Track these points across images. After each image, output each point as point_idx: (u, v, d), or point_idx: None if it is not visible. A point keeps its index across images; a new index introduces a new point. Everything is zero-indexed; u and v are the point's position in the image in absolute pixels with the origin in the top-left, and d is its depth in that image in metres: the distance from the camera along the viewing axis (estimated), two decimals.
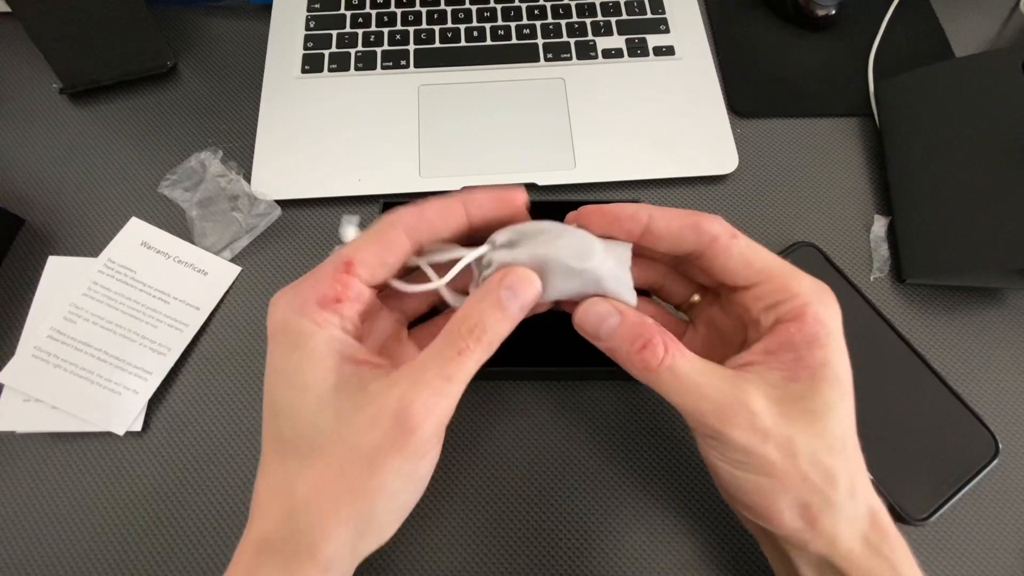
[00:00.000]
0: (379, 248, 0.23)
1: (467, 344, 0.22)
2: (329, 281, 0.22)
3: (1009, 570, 0.33)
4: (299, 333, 0.22)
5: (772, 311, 0.24)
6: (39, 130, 0.43)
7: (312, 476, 0.20)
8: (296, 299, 0.22)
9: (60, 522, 0.33)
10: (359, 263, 0.23)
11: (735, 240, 0.24)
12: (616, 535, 0.33)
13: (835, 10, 0.47)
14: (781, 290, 0.24)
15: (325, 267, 0.23)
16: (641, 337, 0.23)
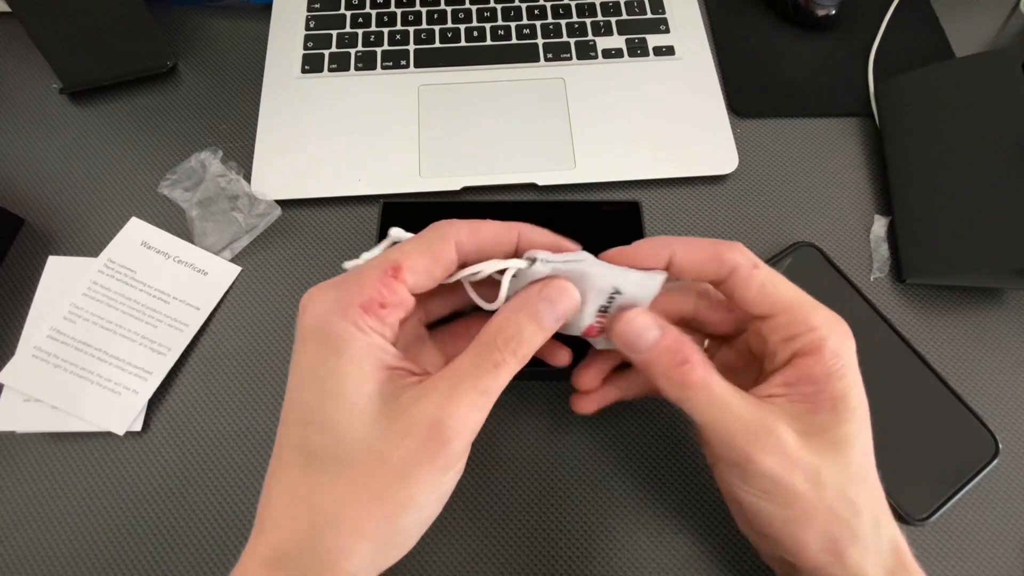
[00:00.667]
0: (430, 259, 0.22)
1: (503, 357, 0.21)
2: (376, 285, 0.21)
3: (1009, 570, 0.33)
4: (339, 337, 0.20)
5: (789, 344, 0.24)
6: (39, 130, 0.43)
7: (339, 491, 0.20)
8: (339, 300, 0.21)
9: (60, 522, 0.33)
10: (408, 269, 0.22)
11: (756, 271, 0.24)
12: (616, 535, 0.33)
13: (835, 10, 0.47)
14: (799, 323, 0.24)
15: (371, 270, 0.22)
16: (681, 352, 0.23)
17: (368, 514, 0.20)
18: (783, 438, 0.22)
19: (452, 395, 0.20)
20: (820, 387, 0.23)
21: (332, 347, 0.20)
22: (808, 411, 0.23)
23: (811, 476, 0.22)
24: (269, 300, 0.38)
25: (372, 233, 0.40)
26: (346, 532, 0.19)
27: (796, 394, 0.24)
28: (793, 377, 0.24)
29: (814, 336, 0.24)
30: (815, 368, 0.23)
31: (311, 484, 0.20)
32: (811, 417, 0.23)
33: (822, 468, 0.22)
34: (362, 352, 0.20)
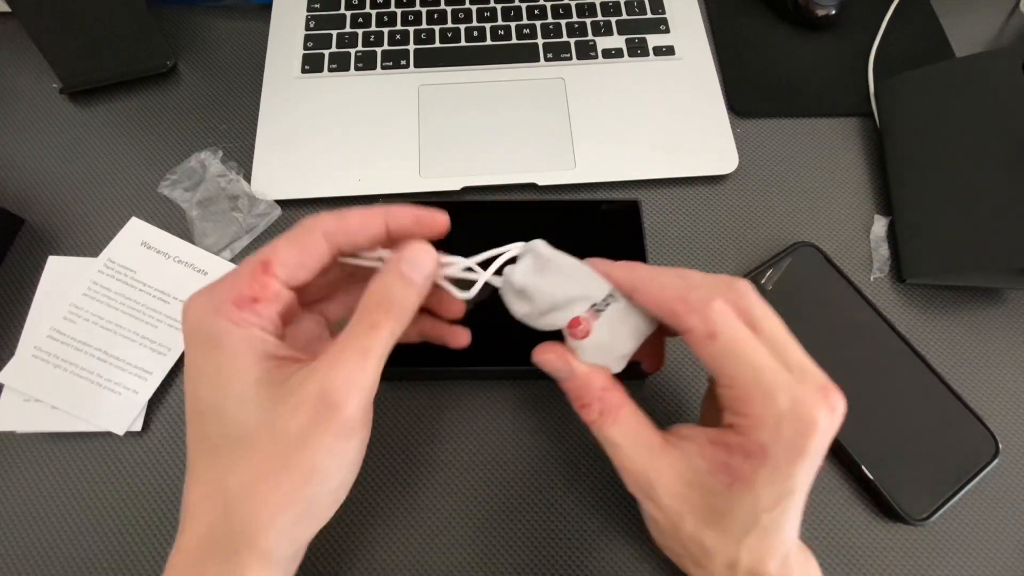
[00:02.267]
0: (298, 251, 0.23)
1: (377, 318, 0.22)
2: (247, 281, 0.22)
3: (1009, 570, 0.33)
4: (216, 333, 0.21)
5: (728, 414, 0.24)
6: (39, 130, 0.43)
7: (243, 469, 0.20)
8: (212, 300, 0.22)
9: (60, 522, 0.33)
10: (278, 264, 0.23)
11: (710, 341, 0.23)
12: (616, 535, 0.33)
13: (835, 10, 0.47)
14: (740, 404, 0.23)
15: (242, 268, 0.23)
16: (580, 399, 0.26)
17: (275, 487, 0.20)
18: (656, 489, 0.24)
19: (335, 363, 0.21)
20: (730, 462, 0.23)
21: (212, 343, 0.21)
22: (707, 471, 0.24)
23: (672, 519, 0.24)
24: None
25: None
26: (258, 506, 0.20)
27: (710, 453, 0.24)
28: (717, 439, 0.24)
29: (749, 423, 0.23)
30: (735, 445, 0.23)
31: (217, 471, 0.21)
32: (706, 477, 0.24)
33: (685, 517, 0.24)
34: (239, 344, 0.21)
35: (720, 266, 0.40)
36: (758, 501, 0.23)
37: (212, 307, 0.22)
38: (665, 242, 0.41)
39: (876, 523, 0.34)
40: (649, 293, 0.24)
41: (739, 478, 0.23)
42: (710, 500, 0.23)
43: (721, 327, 0.23)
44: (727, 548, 0.24)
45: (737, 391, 0.23)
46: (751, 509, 0.23)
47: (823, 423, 0.22)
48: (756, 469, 0.22)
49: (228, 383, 0.21)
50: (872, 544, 0.33)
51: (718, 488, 0.23)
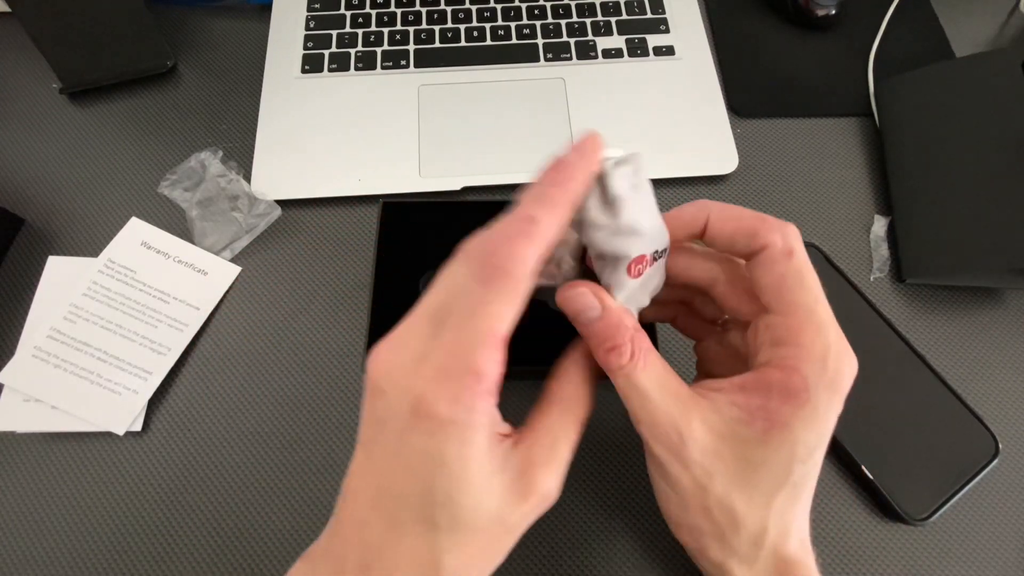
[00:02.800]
0: (516, 306, 0.20)
1: (585, 413, 0.24)
2: (491, 366, 0.19)
3: (1009, 570, 0.33)
4: (470, 429, 0.19)
5: (770, 349, 0.23)
6: (39, 130, 0.43)
7: (464, 553, 0.21)
8: (460, 392, 0.19)
9: (60, 522, 0.33)
10: (505, 329, 0.20)
11: (786, 258, 0.23)
12: (617, 535, 0.33)
13: (835, 10, 0.47)
14: (790, 333, 0.22)
15: (475, 344, 0.19)
16: (611, 339, 0.23)
17: (488, 561, 0.22)
18: (686, 439, 0.23)
19: (556, 460, 0.22)
20: (767, 405, 0.22)
21: (463, 441, 0.20)
22: (740, 420, 0.22)
23: (699, 479, 0.23)
24: (269, 300, 0.38)
25: (372, 233, 0.40)
26: None
27: (742, 400, 0.23)
28: (752, 383, 0.23)
29: (795, 353, 0.22)
30: (775, 385, 0.22)
31: (437, 548, 0.20)
32: (738, 427, 0.22)
33: (716, 474, 0.23)
34: (486, 439, 0.20)
35: None
36: (795, 448, 0.22)
37: (466, 404, 0.19)
38: None
39: (876, 523, 0.34)
40: (727, 216, 0.24)
41: (777, 422, 0.22)
42: (743, 452, 0.22)
43: (798, 247, 0.23)
44: (756, 513, 0.23)
45: (792, 318, 0.23)
46: (787, 458, 0.22)
47: (851, 372, 0.23)
48: (795, 410, 0.22)
49: (472, 477, 0.20)
50: (872, 544, 0.33)
51: (753, 437, 0.22)
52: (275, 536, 0.33)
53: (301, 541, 0.33)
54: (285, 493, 0.34)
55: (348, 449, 0.35)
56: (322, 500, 0.34)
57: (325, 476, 0.34)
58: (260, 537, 0.33)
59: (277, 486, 0.34)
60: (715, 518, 0.23)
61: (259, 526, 0.33)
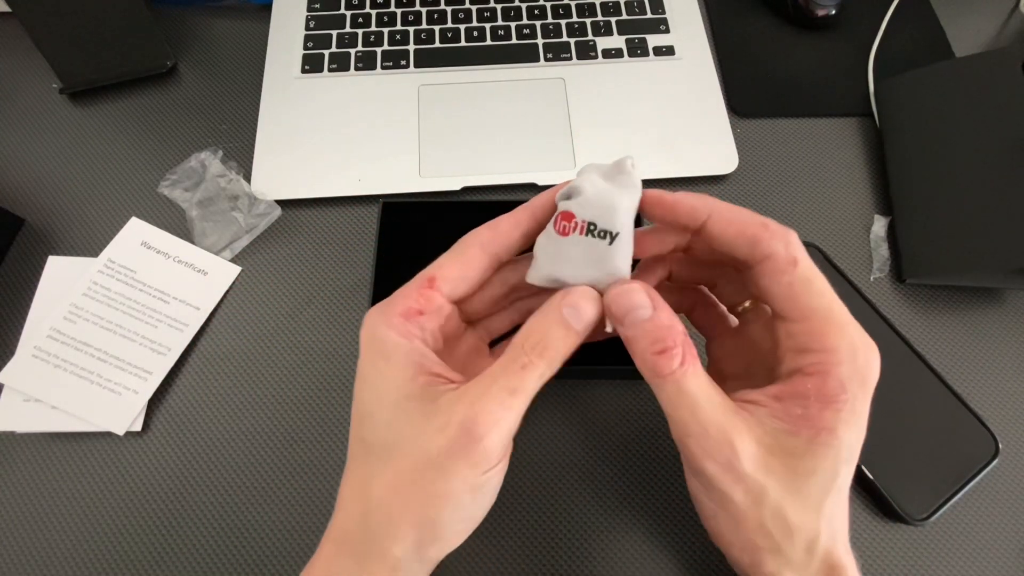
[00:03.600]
0: (459, 264, 0.25)
1: (530, 359, 0.23)
2: (414, 295, 0.24)
3: (1009, 570, 0.33)
4: (384, 342, 0.23)
5: (797, 357, 0.23)
6: (39, 130, 0.43)
7: (386, 478, 0.22)
8: (384, 311, 0.24)
9: (60, 522, 0.33)
10: (441, 279, 0.24)
11: (792, 267, 0.22)
12: (617, 535, 0.33)
13: (835, 10, 0.47)
14: (814, 338, 0.22)
15: (410, 283, 0.25)
16: (662, 341, 0.22)
17: (408, 500, 0.22)
18: (738, 450, 0.22)
19: (482, 396, 0.22)
20: (809, 412, 0.22)
21: (380, 352, 0.23)
22: (786, 431, 0.22)
23: (752, 492, 0.22)
24: (269, 300, 0.38)
25: (372, 233, 0.40)
26: (392, 517, 0.22)
27: (781, 411, 0.22)
28: (787, 393, 0.23)
29: (827, 358, 0.22)
30: (812, 392, 0.22)
31: (366, 473, 0.23)
32: (785, 438, 0.22)
33: (768, 488, 0.22)
34: (405, 357, 0.23)
35: None
36: (840, 451, 0.22)
37: (384, 317, 0.24)
38: None
39: (876, 523, 0.34)
40: (728, 219, 0.23)
41: (823, 429, 0.22)
42: (792, 463, 0.22)
43: (803, 257, 0.23)
44: (809, 521, 0.22)
45: (812, 323, 0.22)
46: (834, 463, 0.22)
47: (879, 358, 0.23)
48: (837, 414, 0.22)
49: (388, 391, 0.23)
50: (872, 544, 0.33)
51: (800, 447, 0.22)
52: (275, 536, 0.33)
53: (301, 540, 0.33)
54: (285, 493, 0.34)
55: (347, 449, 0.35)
56: (322, 500, 0.34)
57: (325, 476, 0.34)
58: (260, 537, 0.33)
59: (277, 486, 0.34)
60: (769, 531, 0.22)
61: (259, 526, 0.33)
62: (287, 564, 0.33)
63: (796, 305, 0.23)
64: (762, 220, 0.23)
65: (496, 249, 0.25)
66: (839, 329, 0.22)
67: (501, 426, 0.22)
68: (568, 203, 0.24)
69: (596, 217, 0.23)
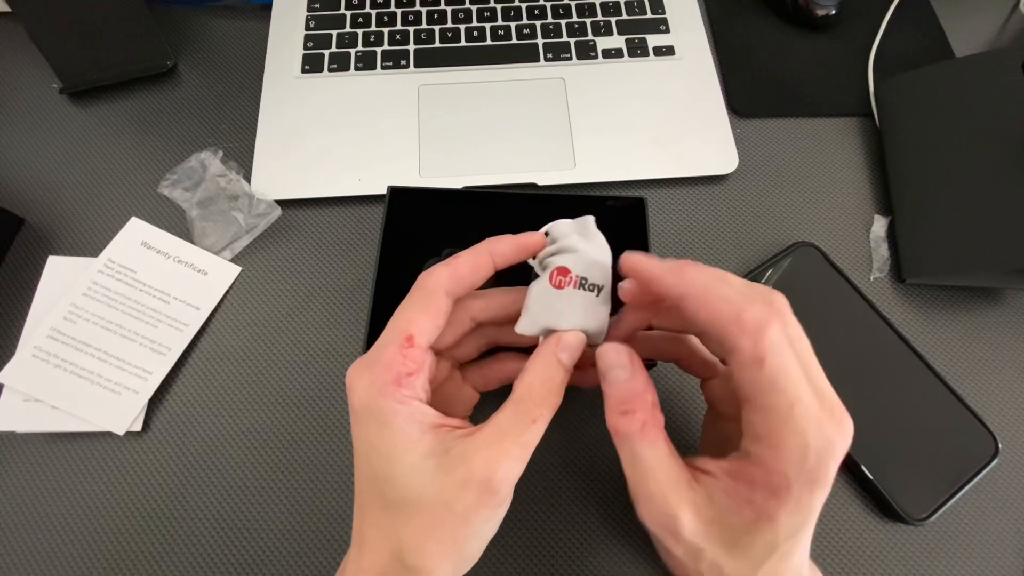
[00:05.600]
0: (430, 316, 0.26)
1: (540, 412, 0.25)
2: (399, 359, 0.25)
3: (1009, 570, 0.33)
4: (384, 412, 0.24)
5: (751, 442, 0.23)
6: (39, 130, 0.43)
7: (415, 526, 0.23)
8: (375, 381, 0.24)
9: (60, 522, 0.33)
10: (417, 333, 0.25)
11: (757, 367, 0.22)
12: (617, 535, 0.33)
13: (835, 10, 0.47)
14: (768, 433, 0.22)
15: (389, 343, 0.25)
16: (629, 403, 0.24)
17: (441, 544, 0.24)
18: (679, 524, 0.23)
19: (498, 453, 0.23)
20: (753, 498, 0.22)
21: (381, 422, 0.24)
22: (729, 509, 0.23)
23: (691, 552, 0.23)
24: (269, 300, 0.38)
25: (372, 232, 0.40)
26: (427, 557, 0.24)
27: (732, 489, 0.23)
28: (738, 472, 0.23)
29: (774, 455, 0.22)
30: (759, 479, 0.22)
31: (392, 520, 0.24)
32: (728, 514, 0.23)
33: (706, 551, 0.23)
34: (405, 422, 0.24)
35: (720, 266, 0.39)
36: (779, 532, 0.22)
37: (375, 388, 0.24)
38: (665, 242, 0.41)
39: (876, 523, 0.34)
40: (702, 305, 0.23)
41: (763, 515, 0.22)
42: (731, 536, 0.23)
43: (772, 356, 0.22)
44: (745, 573, 0.23)
45: (768, 418, 0.22)
46: (772, 540, 0.23)
47: (839, 451, 0.22)
48: (781, 505, 0.22)
49: (400, 457, 0.24)
50: (872, 544, 0.33)
51: (740, 525, 0.23)
52: (275, 536, 0.33)
53: (301, 541, 0.33)
54: (285, 493, 0.34)
55: (348, 449, 0.35)
56: (322, 500, 0.34)
57: (325, 476, 0.34)
58: (260, 537, 0.33)
59: (277, 486, 0.34)
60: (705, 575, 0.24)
61: (259, 526, 0.33)
62: (287, 564, 0.33)
63: (757, 400, 0.22)
64: (737, 310, 0.22)
65: (459, 292, 0.27)
66: (793, 430, 0.22)
67: (514, 476, 0.24)
68: (563, 258, 0.27)
69: (588, 272, 0.26)
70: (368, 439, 0.24)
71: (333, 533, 0.33)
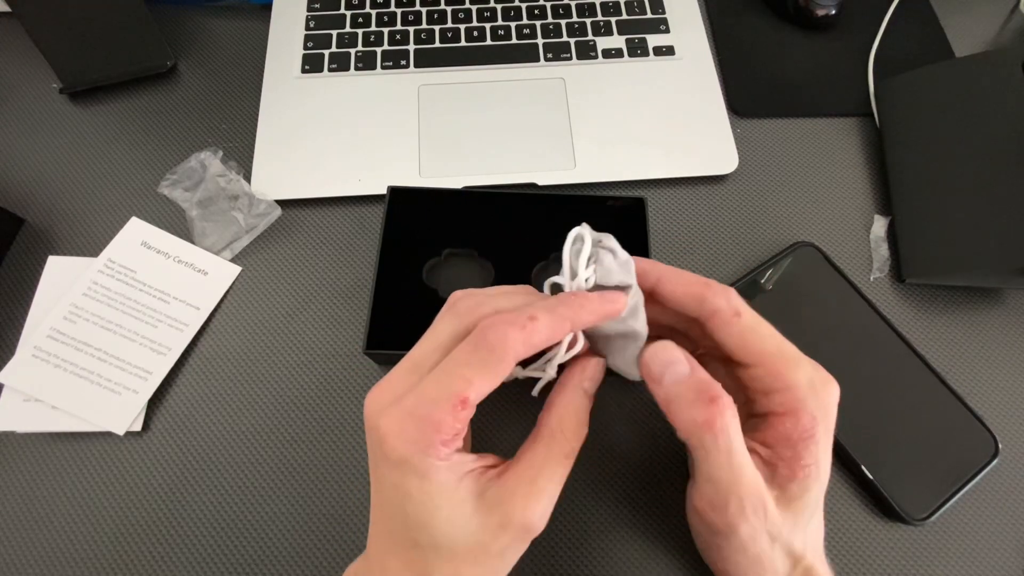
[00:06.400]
0: (491, 382, 0.23)
1: (573, 447, 0.25)
2: (449, 420, 0.22)
3: (1009, 570, 0.33)
4: (427, 468, 0.23)
5: (766, 398, 0.25)
6: (39, 130, 0.43)
7: (451, 567, 0.23)
8: (420, 439, 0.22)
9: (60, 522, 0.33)
10: (474, 396, 0.23)
11: (736, 318, 0.25)
12: (617, 535, 0.33)
13: (835, 10, 0.47)
14: (775, 378, 0.24)
15: (441, 400, 0.22)
16: (709, 391, 0.24)
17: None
18: (769, 511, 0.24)
19: (535, 493, 0.23)
20: (798, 451, 0.24)
21: (421, 476, 0.23)
22: (785, 478, 0.24)
23: (771, 539, 0.24)
24: (269, 300, 0.38)
25: (372, 232, 0.40)
26: None
27: (776, 457, 0.24)
28: (773, 438, 0.24)
29: (789, 396, 0.24)
30: (793, 432, 0.24)
31: (424, 559, 0.23)
32: (786, 484, 0.24)
33: (783, 532, 0.24)
34: (447, 476, 0.23)
35: (720, 266, 0.40)
36: (822, 479, 0.24)
37: (421, 447, 0.22)
38: (665, 242, 0.41)
39: (876, 523, 0.34)
40: (676, 282, 0.26)
41: (810, 464, 0.24)
42: (791, 506, 0.24)
43: (743, 307, 0.25)
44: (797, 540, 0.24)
45: (767, 366, 0.25)
46: (818, 492, 0.24)
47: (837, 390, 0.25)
48: (817, 445, 0.24)
49: (438, 507, 0.23)
50: (872, 544, 0.33)
51: (796, 489, 0.24)
52: (275, 536, 0.33)
53: (301, 541, 0.33)
54: (285, 493, 0.34)
55: (348, 449, 0.35)
56: (322, 500, 0.34)
57: (325, 476, 0.34)
58: (260, 537, 0.33)
59: (277, 486, 0.34)
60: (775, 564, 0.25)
61: (259, 526, 0.33)
62: (287, 564, 0.33)
63: (749, 351, 0.25)
64: (704, 281, 0.26)
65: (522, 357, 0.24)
66: (794, 365, 0.25)
67: (550, 511, 0.24)
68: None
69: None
70: (403, 488, 0.23)
71: (333, 533, 0.33)
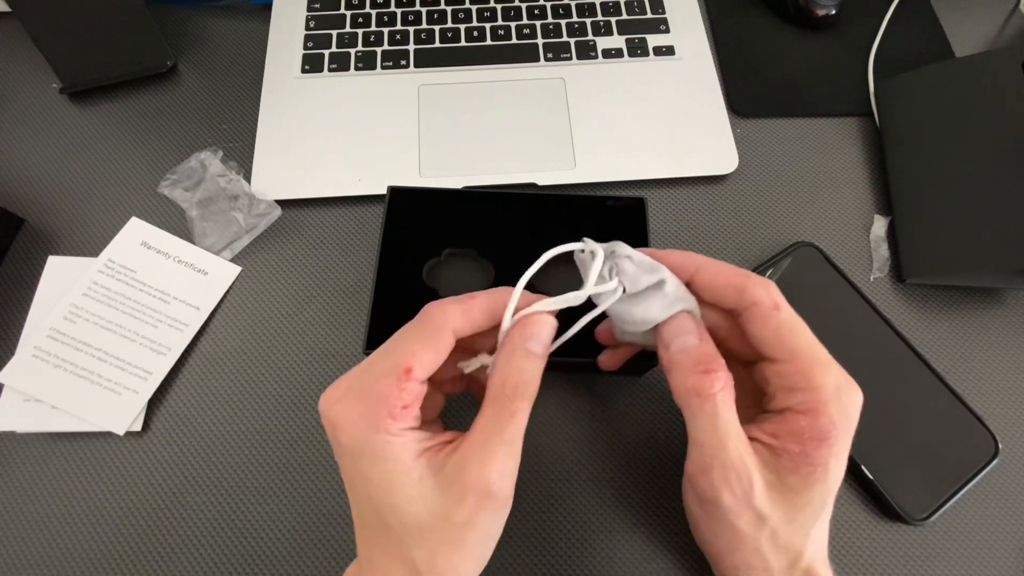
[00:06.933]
0: (432, 352, 0.24)
1: (516, 405, 0.24)
2: (395, 391, 0.23)
3: (1009, 570, 0.33)
4: (379, 447, 0.23)
5: (788, 395, 0.25)
6: (39, 130, 0.43)
7: (425, 548, 0.23)
8: (367, 413, 0.23)
9: (60, 522, 0.33)
10: (417, 367, 0.24)
11: (775, 312, 0.25)
12: (617, 535, 0.33)
13: (835, 10, 0.47)
14: (804, 377, 0.24)
15: (384, 374, 0.24)
16: (708, 363, 0.24)
17: (452, 555, 0.24)
18: (755, 488, 0.24)
19: (486, 457, 0.23)
20: (807, 450, 0.24)
21: (375, 455, 0.23)
22: (787, 469, 0.24)
23: (756, 522, 0.24)
24: (269, 300, 0.38)
25: (372, 232, 0.40)
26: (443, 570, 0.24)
27: (781, 448, 0.24)
28: (783, 430, 0.24)
29: (812, 396, 0.24)
30: (807, 429, 0.24)
31: (401, 545, 0.24)
32: (786, 476, 0.24)
33: (771, 518, 0.24)
34: (401, 453, 0.23)
35: None
36: (830, 483, 0.24)
37: (370, 422, 0.23)
38: (665, 242, 0.41)
39: (876, 523, 0.34)
40: (715, 272, 0.26)
41: (818, 465, 0.24)
42: (791, 498, 0.24)
43: (782, 302, 0.25)
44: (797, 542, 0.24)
45: (798, 363, 0.24)
46: (824, 493, 0.24)
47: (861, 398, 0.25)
48: (829, 450, 0.24)
49: (398, 487, 0.23)
50: (872, 544, 0.33)
51: (798, 484, 0.24)
52: (275, 536, 0.33)
53: (301, 541, 0.33)
54: (285, 493, 0.34)
55: None
56: (322, 500, 0.34)
57: (325, 476, 0.34)
58: (260, 537, 0.33)
59: (277, 486, 0.34)
60: (764, 554, 0.25)
61: (259, 526, 0.33)
62: (287, 564, 0.33)
63: (783, 346, 0.25)
64: (744, 272, 0.26)
65: (466, 334, 0.26)
66: (824, 368, 0.24)
67: (509, 472, 0.24)
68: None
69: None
70: (362, 472, 0.24)
71: (333, 533, 0.33)
